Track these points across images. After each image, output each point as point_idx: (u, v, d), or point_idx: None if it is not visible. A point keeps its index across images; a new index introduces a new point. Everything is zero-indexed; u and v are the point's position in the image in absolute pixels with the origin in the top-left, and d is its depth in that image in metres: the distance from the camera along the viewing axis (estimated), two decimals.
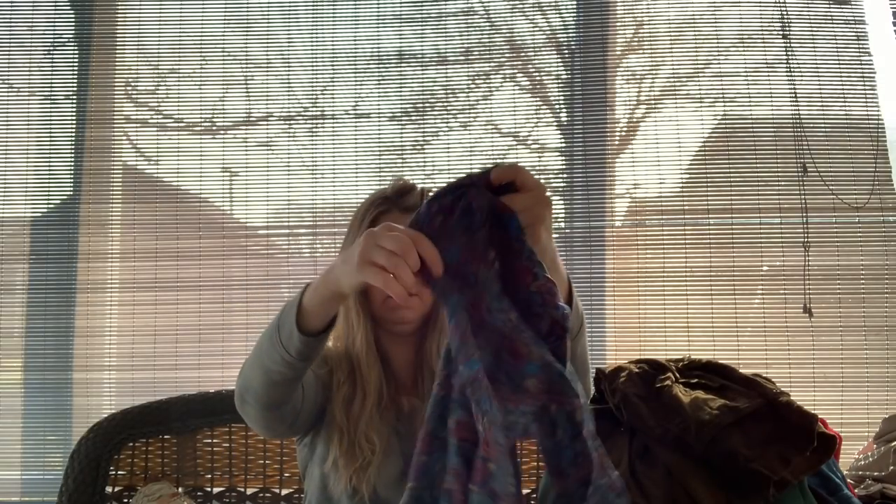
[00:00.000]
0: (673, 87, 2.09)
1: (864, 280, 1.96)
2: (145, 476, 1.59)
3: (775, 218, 2.00)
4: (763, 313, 1.98)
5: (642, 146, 2.07)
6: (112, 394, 2.06)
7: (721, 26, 2.07)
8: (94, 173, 2.15)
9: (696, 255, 2.00)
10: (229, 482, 1.62)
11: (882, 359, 1.93)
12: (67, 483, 1.52)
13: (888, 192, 1.97)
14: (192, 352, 2.05)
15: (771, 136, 2.02)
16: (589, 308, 2.02)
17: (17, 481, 2.04)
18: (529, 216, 0.78)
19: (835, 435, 1.13)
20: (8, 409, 2.07)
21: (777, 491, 1.06)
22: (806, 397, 1.87)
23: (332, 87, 2.15)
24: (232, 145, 2.15)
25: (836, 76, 2.01)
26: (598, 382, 1.29)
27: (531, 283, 0.73)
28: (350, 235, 1.25)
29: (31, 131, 2.15)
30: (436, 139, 2.11)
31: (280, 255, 2.15)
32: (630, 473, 1.14)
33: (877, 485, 1.42)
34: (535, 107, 2.13)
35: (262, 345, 0.99)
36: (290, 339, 0.91)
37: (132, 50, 2.19)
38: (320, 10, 2.16)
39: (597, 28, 2.10)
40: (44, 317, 2.09)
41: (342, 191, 2.11)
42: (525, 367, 0.68)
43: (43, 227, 2.13)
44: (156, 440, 1.61)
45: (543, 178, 2.10)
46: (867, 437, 1.72)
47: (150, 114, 2.18)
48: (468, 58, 2.13)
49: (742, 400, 1.14)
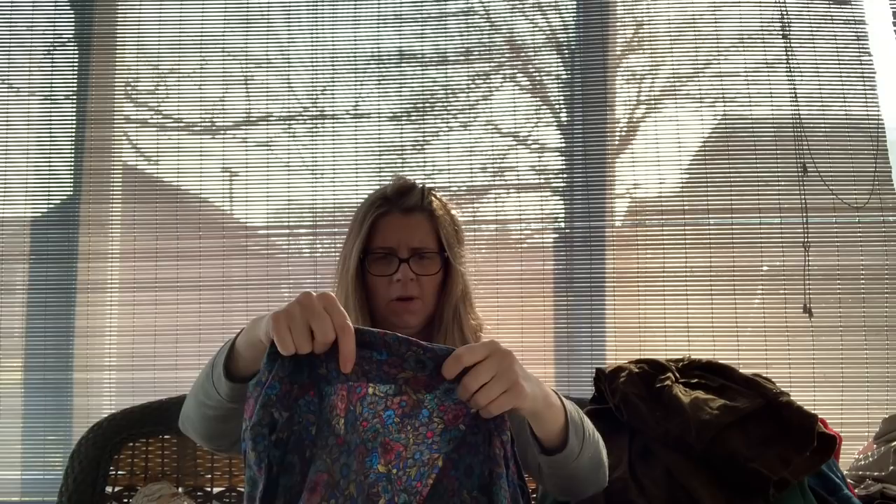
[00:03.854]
0: (673, 87, 2.09)
1: (864, 280, 1.96)
2: (145, 476, 1.59)
3: (775, 218, 2.00)
4: (763, 313, 1.98)
5: (642, 146, 2.07)
6: (112, 394, 2.06)
7: (721, 26, 2.07)
8: (94, 173, 2.15)
9: (696, 255, 2.00)
10: (229, 482, 1.62)
11: (882, 359, 1.93)
12: (67, 483, 1.52)
13: (888, 192, 1.97)
14: (192, 352, 2.05)
15: (771, 136, 2.02)
16: (589, 308, 2.02)
17: (17, 481, 2.04)
18: (505, 380, 0.78)
19: (835, 435, 1.13)
20: (8, 409, 2.07)
21: (777, 491, 1.06)
22: (806, 397, 1.87)
23: (332, 86, 2.15)
24: (232, 145, 2.15)
25: (836, 76, 2.01)
26: (597, 382, 1.29)
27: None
28: (350, 236, 1.24)
29: (31, 131, 2.15)
30: (436, 139, 2.11)
31: (280, 255, 2.15)
32: (630, 473, 1.14)
33: (877, 485, 1.42)
34: (535, 107, 2.13)
35: (199, 378, 0.98)
36: (220, 381, 0.91)
37: (132, 50, 2.19)
38: (320, 10, 2.16)
39: (597, 28, 2.10)
40: (44, 317, 2.09)
41: (342, 191, 2.11)
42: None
43: (43, 227, 2.13)
44: (156, 440, 1.61)
45: (543, 178, 2.10)
46: (867, 437, 1.72)
47: (150, 114, 2.18)
48: (468, 58, 2.13)
49: (742, 400, 1.14)
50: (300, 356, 0.77)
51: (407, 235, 1.18)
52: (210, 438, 1.02)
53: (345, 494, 0.76)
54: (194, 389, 0.99)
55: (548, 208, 2.09)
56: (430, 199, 1.23)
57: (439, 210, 1.23)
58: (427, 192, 1.25)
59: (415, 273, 1.17)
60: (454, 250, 1.21)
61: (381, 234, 1.18)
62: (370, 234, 1.19)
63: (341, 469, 0.76)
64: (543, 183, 2.10)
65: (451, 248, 1.20)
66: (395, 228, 1.19)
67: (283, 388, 0.77)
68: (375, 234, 1.18)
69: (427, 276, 1.18)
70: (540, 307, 2.02)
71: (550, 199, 2.10)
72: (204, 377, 0.95)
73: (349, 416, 0.77)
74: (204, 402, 0.95)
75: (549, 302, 2.03)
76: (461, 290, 1.22)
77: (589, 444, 0.98)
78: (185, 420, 1.04)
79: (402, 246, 1.18)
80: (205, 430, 1.00)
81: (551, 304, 2.03)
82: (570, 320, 2.02)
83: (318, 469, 0.76)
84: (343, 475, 0.76)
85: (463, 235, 1.28)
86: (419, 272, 1.17)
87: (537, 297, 2.03)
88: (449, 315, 1.20)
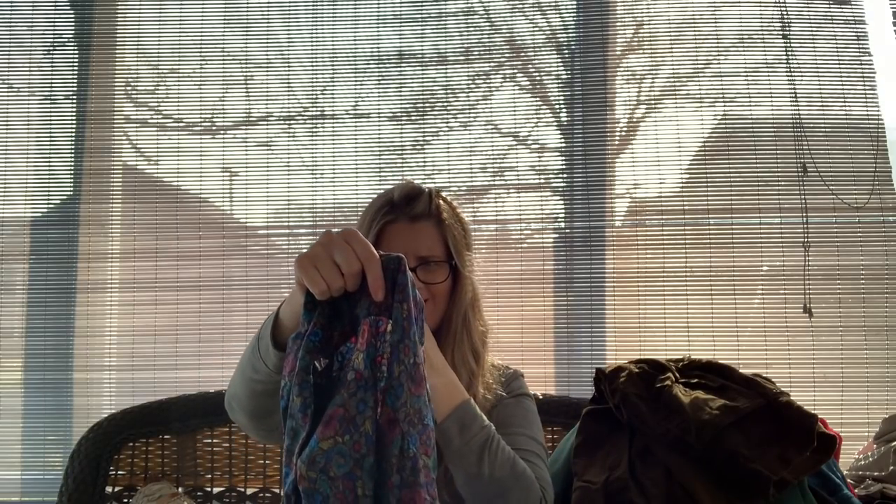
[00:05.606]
0: (673, 87, 2.09)
1: (864, 280, 1.96)
2: (145, 476, 1.59)
3: (775, 218, 2.00)
4: (763, 313, 1.98)
5: (642, 146, 2.07)
6: (112, 394, 2.06)
7: (721, 26, 2.07)
8: (94, 173, 2.15)
9: (696, 255, 2.00)
10: (229, 482, 1.62)
11: (882, 359, 1.93)
12: (67, 483, 1.52)
13: (888, 192, 1.97)
14: (192, 352, 2.05)
15: (771, 136, 2.02)
16: (589, 308, 2.02)
17: (17, 481, 2.04)
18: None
19: (835, 435, 1.13)
20: (8, 409, 2.07)
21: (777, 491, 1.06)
22: (806, 397, 1.87)
23: (332, 87, 2.15)
24: (232, 145, 2.15)
25: (836, 76, 2.01)
26: (598, 382, 1.29)
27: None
28: None
29: (31, 131, 2.15)
30: (436, 139, 2.11)
31: (280, 255, 2.15)
32: (630, 473, 1.14)
33: (877, 485, 1.42)
34: (535, 107, 2.13)
35: (245, 354, 0.99)
36: (267, 352, 0.92)
37: (132, 50, 2.19)
38: (320, 10, 2.16)
39: (597, 28, 2.10)
40: (44, 317, 2.10)
41: (342, 191, 2.11)
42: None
43: (43, 227, 2.13)
44: (156, 440, 1.61)
45: (543, 178, 2.10)
46: (867, 437, 1.72)
47: (149, 114, 2.18)
48: (468, 58, 2.13)
49: (742, 400, 1.14)
50: (337, 300, 0.78)
51: (414, 244, 1.17)
52: (258, 416, 1.02)
53: (360, 431, 0.75)
54: (241, 367, 1.00)
55: (548, 208, 2.09)
56: (438, 204, 1.21)
57: (447, 216, 1.21)
58: (435, 196, 1.22)
59: (422, 282, 1.16)
60: (462, 257, 1.20)
61: (388, 242, 1.17)
62: (377, 242, 1.18)
63: (357, 405, 0.75)
64: (543, 183, 2.10)
65: (460, 255, 1.19)
66: (402, 237, 1.17)
67: (325, 334, 0.78)
68: (382, 241, 1.17)
69: (435, 285, 1.18)
70: (540, 307, 2.02)
71: (550, 199, 2.10)
72: (250, 352, 0.97)
73: (369, 351, 0.76)
74: (251, 377, 0.96)
75: (549, 302, 2.03)
76: (470, 297, 1.22)
77: (483, 459, 1.02)
78: (233, 399, 1.05)
79: (410, 255, 1.16)
80: (253, 407, 1.01)
81: (551, 304, 2.03)
82: (570, 320, 2.02)
83: (335, 403, 0.75)
84: (359, 411, 0.75)
85: (472, 239, 1.26)
86: (427, 280, 1.16)
87: (537, 297, 2.03)
88: (458, 321, 1.20)
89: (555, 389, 1.99)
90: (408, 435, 0.75)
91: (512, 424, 1.17)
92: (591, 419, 1.26)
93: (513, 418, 1.18)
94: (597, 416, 1.26)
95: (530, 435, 1.16)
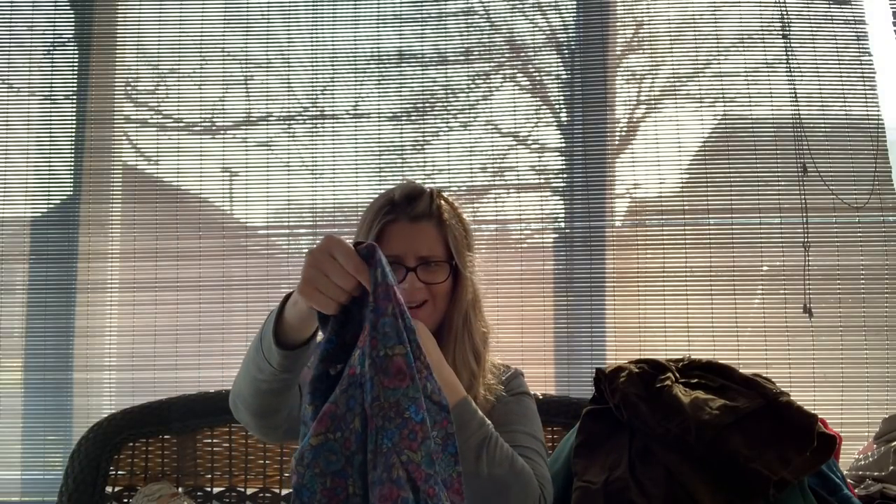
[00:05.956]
0: (673, 87, 2.09)
1: (864, 280, 1.96)
2: (145, 476, 1.59)
3: (775, 218, 2.00)
4: (763, 313, 1.98)
5: (642, 146, 2.07)
6: (112, 394, 2.06)
7: (721, 26, 2.07)
8: (94, 173, 2.15)
9: (696, 255, 2.00)
10: (229, 482, 1.62)
11: (882, 359, 1.93)
12: (67, 483, 1.52)
13: (888, 192, 1.97)
14: (192, 352, 2.05)
15: (771, 136, 2.02)
16: (589, 308, 2.02)
17: (17, 481, 2.04)
18: None
19: (835, 435, 1.13)
20: (8, 409, 2.07)
21: (777, 491, 1.06)
22: (806, 397, 1.87)
23: (331, 87, 2.15)
24: (232, 145, 2.15)
25: (836, 76, 2.01)
26: (598, 382, 1.29)
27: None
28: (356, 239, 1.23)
29: (31, 131, 2.15)
30: (436, 139, 2.11)
31: (280, 255, 2.15)
32: (630, 473, 1.14)
33: (877, 485, 1.42)
34: (535, 107, 2.13)
35: (249, 353, 1.00)
36: (270, 352, 0.92)
37: (132, 50, 2.19)
38: (320, 10, 2.16)
39: (597, 28, 2.10)
40: (44, 317, 2.10)
41: (342, 191, 2.11)
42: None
43: (43, 227, 2.13)
44: (156, 440, 1.61)
45: (543, 178, 2.10)
46: (867, 437, 1.72)
47: (149, 114, 2.18)
48: (468, 58, 2.13)
49: (742, 400, 1.14)
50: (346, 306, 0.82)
51: (415, 244, 1.17)
52: (263, 415, 1.03)
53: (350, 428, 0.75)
54: (245, 367, 1.02)
55: (548, 208, 2.09)
56: (439, 205, 1.21)
57: (448, 216, 1.21)
58: (436, 196, 1.22)
59: (422, 282, 1.16)
60: (463, 257, 1.20)
61: (389, 241, 1.17)
62: (377, 242, 1.18)
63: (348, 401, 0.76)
64: (543, 183, 2.10)
65: (461, 255, 1.19)
66: (403, 237, 1.17)
67: (339, 340, 0.82)
68: (382, 241, 1.17)
69: (435, 285, 1.17)
70: (540, 307, 2.02)
71: (550, 199, 2.10)
72: (253, 352, 0.98)
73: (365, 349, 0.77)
74: (256, 376, 0.98)
75: (549, 302, 2.03)
76: (471, 297, 1.21)
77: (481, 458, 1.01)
78: (237, 398, 1.05)
79: (410, 254, 1.16)
80: (258, 405, 1.02)
81: (551, 304, 2.03)
82: (570, 320, 2.02)
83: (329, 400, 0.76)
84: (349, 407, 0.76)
85: (473, 240, 1.26)
86: (427, 280, 1.16)
87: (537, 297, 2.03)
88: (459, 322, 1.19)
89: (555, 389, 1.99)
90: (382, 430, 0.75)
91: (511, 422, 1.17)
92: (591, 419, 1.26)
93: (512, 416, 1.18)
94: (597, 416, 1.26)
95: (530, 432, 1.16)
